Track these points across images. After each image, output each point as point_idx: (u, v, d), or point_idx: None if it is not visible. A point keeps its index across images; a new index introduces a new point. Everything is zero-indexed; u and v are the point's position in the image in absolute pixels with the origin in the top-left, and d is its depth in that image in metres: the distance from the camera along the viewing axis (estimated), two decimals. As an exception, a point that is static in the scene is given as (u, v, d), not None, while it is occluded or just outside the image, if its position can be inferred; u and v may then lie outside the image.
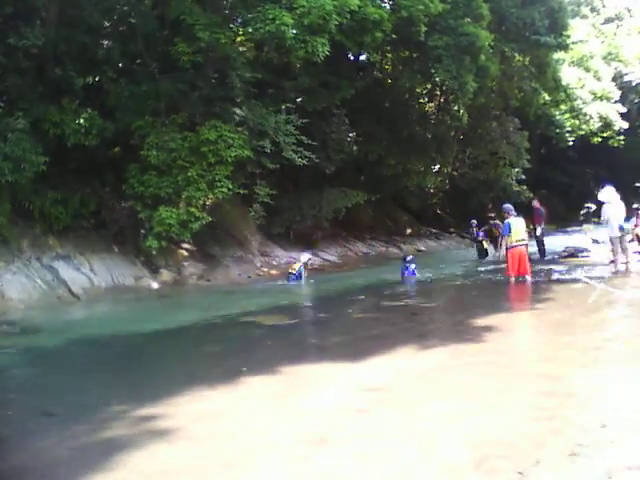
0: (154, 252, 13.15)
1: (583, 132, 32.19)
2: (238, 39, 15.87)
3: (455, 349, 6.20)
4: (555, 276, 12.07)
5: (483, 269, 14.43)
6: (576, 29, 29.29)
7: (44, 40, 11.92)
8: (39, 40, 11.64)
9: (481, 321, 7.61)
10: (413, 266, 13.17)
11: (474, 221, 18.75)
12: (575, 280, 11.15)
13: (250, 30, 13.47)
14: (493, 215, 19.17)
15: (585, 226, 22.80)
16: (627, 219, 12.96)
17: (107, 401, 4.98)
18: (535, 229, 16.18)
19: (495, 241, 15.65)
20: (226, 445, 3.86)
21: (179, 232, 12.95)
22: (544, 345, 6.28)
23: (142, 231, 13.43)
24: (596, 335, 6.55)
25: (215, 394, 5.07)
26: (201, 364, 6.46)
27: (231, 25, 15.21)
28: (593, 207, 22.23)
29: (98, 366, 6.65)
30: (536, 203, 17.01)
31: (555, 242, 18.14)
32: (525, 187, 28.70)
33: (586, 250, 16.21)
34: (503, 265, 11.92)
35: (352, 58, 21.84)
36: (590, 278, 10.86)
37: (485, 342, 6.45)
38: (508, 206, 11.84)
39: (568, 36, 25.21)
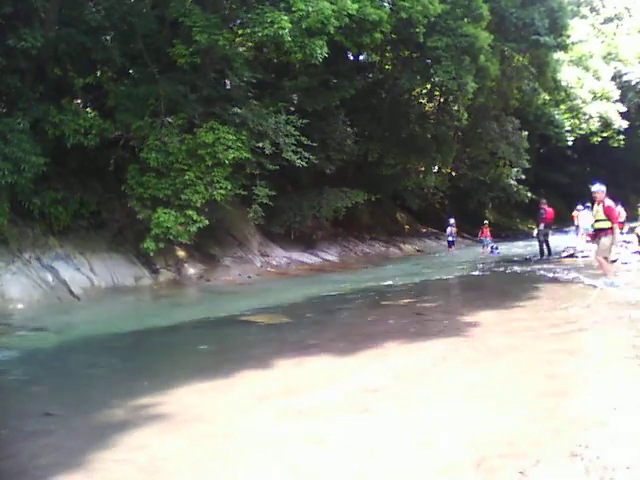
0: (151, 254, 13.17)
1: (583, 132, 32.21)
2: (237, 40, 15.86)
3: (454, 348, 6.20)
4: (555, 276, 12.07)
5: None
6: (576, 29, 29.32)
7: (43, 41, 11.92)
8: (38, 41, 11.63)
9: (480, 320, 7.61)
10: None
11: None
12: (574, 280, 11.16)
13: (249, 32, 13.50)
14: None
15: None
16: None
17: (106, 400, 4.98)
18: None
19: None
20: (223, 444, 3.87)
21: (177, 234, 12.93)
22: (544, 344, 6.27)
23: (143, 227, 13.42)
24: (595, 334, 6.55)
25: (213, 393, 5.07)
26: (200, 363, 6.46)
27: (231, 25, 15.22)
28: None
29: (98, 365, 6.65)
30: (541, 204, 17.22)
31: (554, 242, 18.15)
32: (525, 187, 28.74)
33: (586, 250, 16.22)
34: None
35: (352, 58, 21.86)
36: (589, 278, 10.87)
37: (485, 341, 6.45)
38: None
39: (568, 36, 25.30)
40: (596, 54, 33.99)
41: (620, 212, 21.79)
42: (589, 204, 25.07)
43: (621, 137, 33.41)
